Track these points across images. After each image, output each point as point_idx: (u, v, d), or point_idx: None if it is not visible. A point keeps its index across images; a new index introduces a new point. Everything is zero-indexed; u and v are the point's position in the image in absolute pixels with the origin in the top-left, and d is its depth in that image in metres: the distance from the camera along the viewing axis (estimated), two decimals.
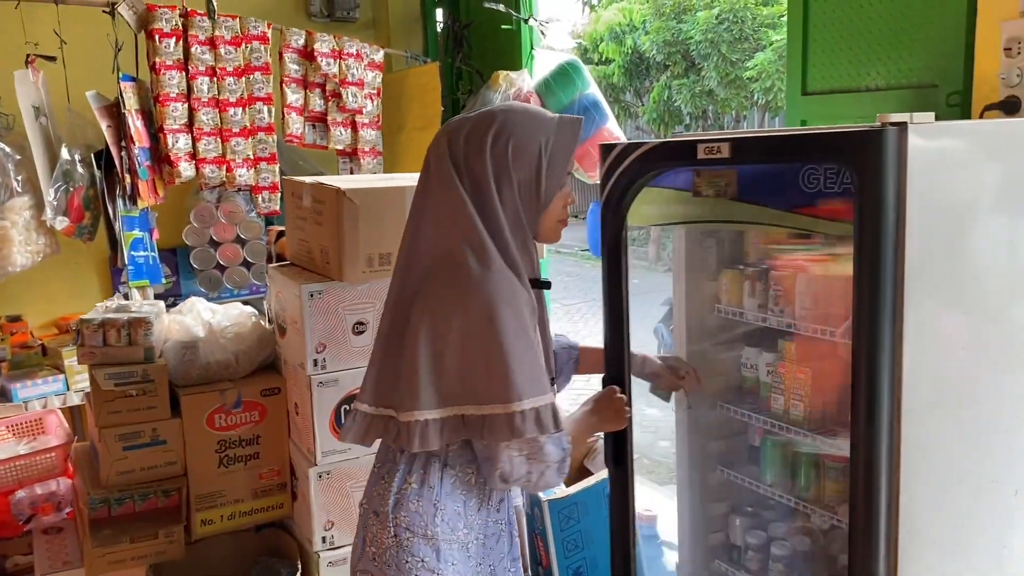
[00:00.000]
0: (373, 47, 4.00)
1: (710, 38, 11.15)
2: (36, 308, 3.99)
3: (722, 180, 1.59)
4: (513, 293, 1.55)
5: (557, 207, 1.67)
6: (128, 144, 3.29)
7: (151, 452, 2.44)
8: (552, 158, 1.61)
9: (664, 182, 1.80)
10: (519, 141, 1.59)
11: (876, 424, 1.56)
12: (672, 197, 1.83)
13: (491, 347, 1.52)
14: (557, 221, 1.69)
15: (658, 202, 1.85)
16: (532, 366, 1.55)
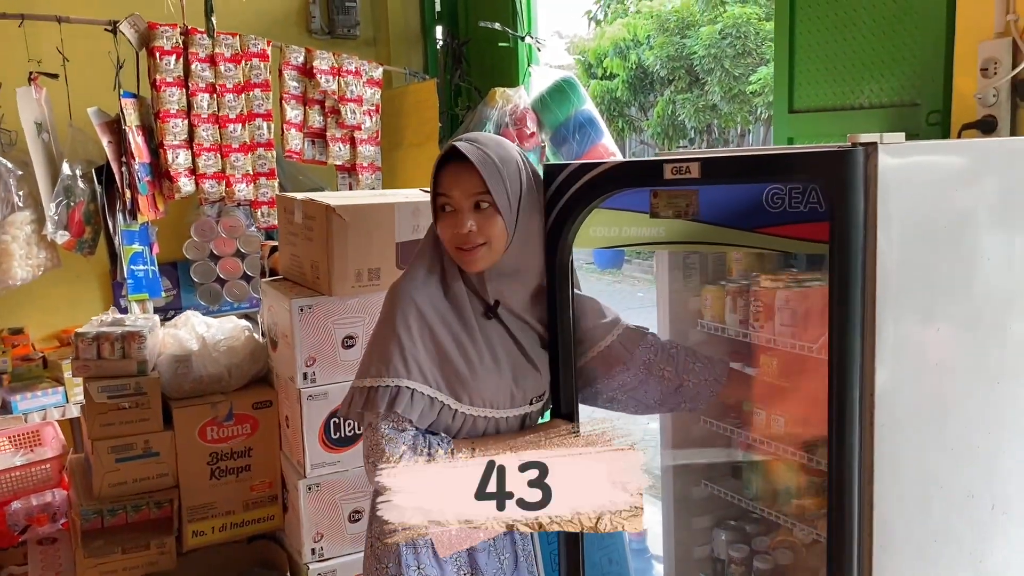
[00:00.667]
0: (372, 64, 4.05)
1: (713, 53, 11.21)
2: (38, 321, 4.04)
3: (682, 200, 1.60)
4: (401, 293, 1.69)
5: (443, 227, 1.69)
6: (129, 160, 3.35)
7: (143, 464, 2.48)
8: (433, 174, 1.71)
9: (616, 204, 1.78)
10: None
11: (848, 439, 1.58)
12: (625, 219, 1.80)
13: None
14: (453, 246, 1.69)
15: (608, 224, 1.83)
16: (385, 350, 1.65)
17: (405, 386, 1.63)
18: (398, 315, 1.66)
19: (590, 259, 13.82)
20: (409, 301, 1.67)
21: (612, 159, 3.69)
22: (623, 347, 1.87)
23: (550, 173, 1.77)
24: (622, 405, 1.92)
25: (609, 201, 1.75)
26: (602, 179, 1.67)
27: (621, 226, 1.79)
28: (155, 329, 2.61)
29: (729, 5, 11.41)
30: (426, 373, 1.65)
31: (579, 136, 3.91)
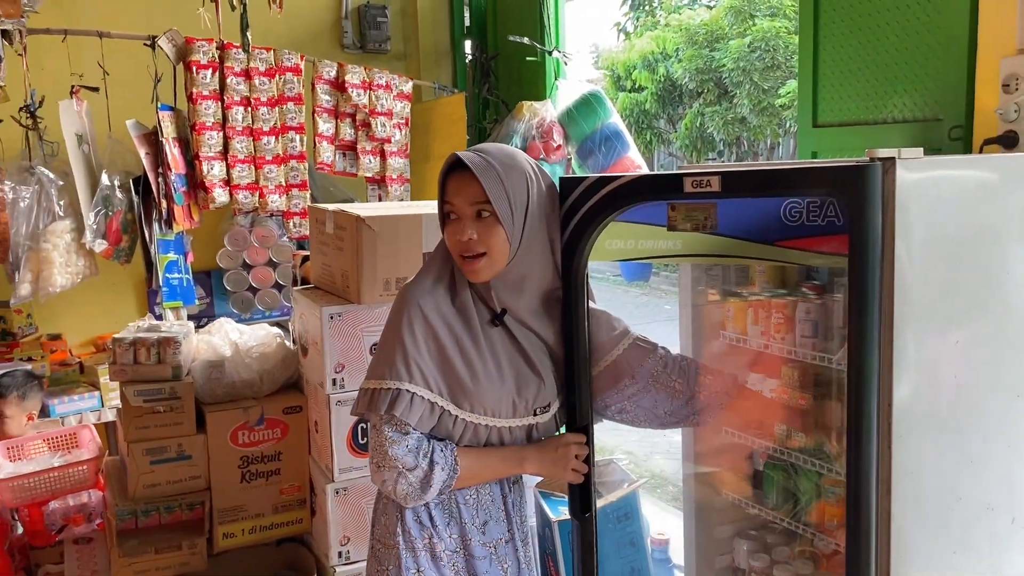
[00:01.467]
0: (402, 78, 4.12)
1: (742, 66, 11.19)
2: (75, 327, 4.15)
3: (701, 213, 1.63)
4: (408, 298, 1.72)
5: (448, 234, 1.74)
6: (165, 171, 3.44)
7: (177, 466, 2.54)
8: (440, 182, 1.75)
9: (633, 217, 1.79)
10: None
11: (865, 450, 1.60)
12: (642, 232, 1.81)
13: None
14: (458, 254, 1.72)
15: (625, 236, 1.84)
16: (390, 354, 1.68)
17: (405, 389, 1.66)
18: (403, 320, 1.70)
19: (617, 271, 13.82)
20: (415, 306, 1.70)
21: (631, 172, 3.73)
22: (631, 359, 1.89)
23: (566, 186, 1.79)
24: (631, 416, 1.94)
25: (626, 214, 1.77)
26: (621, 192, 1.69)
27: (638, 239, 1.81)
28: (190, 335, 2.69)
29: (758, 18, 11.40)
30: (428, 378, 1.68)
31: (605, 149, 3.96)
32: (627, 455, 6.19)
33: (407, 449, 1.65)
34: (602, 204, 1.72)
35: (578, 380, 1.84)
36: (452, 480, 1.69)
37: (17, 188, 3.41)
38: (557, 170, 4.05)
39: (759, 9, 11.53)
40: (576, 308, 1.81)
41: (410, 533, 1.75)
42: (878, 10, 2.41)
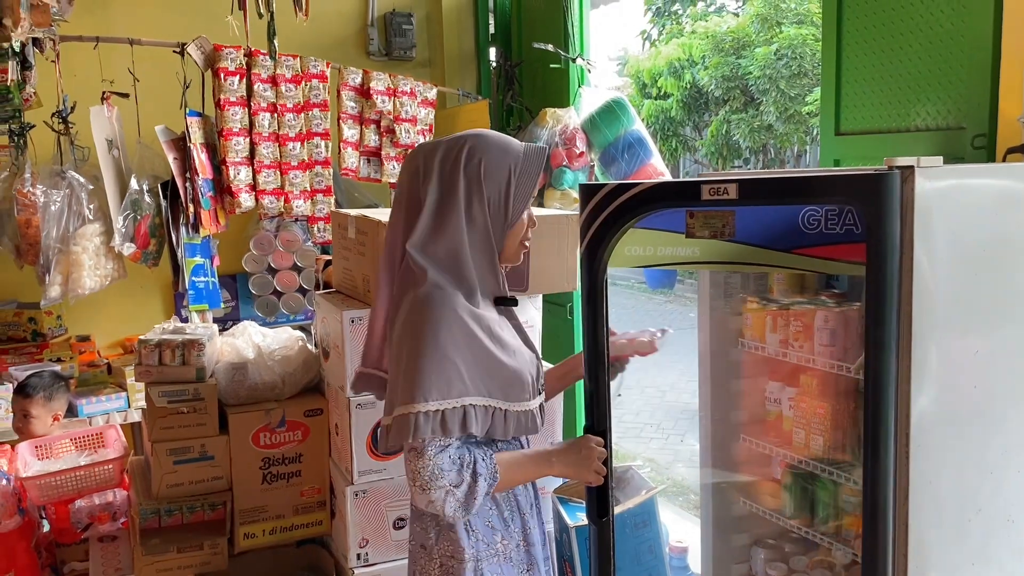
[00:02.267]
0: (426, 85, 4.16)
1: (768, 73, 11.15)
2: (103, 329, 4.22)
3: (719, 221, 1.64)
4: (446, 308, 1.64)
5: (522, 227, 1.77)
6: (193, 175, 3.49)
7: (199, 467, 2.58)
8: (520, 178, 1.72)
9: (651, 224, 1.81)
10: (490, 161, 1.70)
11: (883, 460, 1.59)
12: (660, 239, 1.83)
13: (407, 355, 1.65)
14: (521, 241, 1.79)
15: (644, 243, 1.86)
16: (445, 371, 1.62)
17: (470, 404, 1.64)
18: (444, 331, 1.63)
19: (641, 279, 13.79)
20: (454, 314, 1.65)
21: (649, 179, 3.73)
22: None
23: (586, 192, 1.81)
24: None
25: (645, 221, 1.79)
26: (640, 199, 1.71)
27: (657, 246, 1.82)
28: (214, 338, 2.72)
29: (785, 26, 11.35)
30: (480, 384, 1.66)
31: (628, 156, 3.96)
32: (648, 462, 6.17)
33: (451, 463, 1.62)
34: (622, 211, 1.74)
35: (597, 385, 1.86)
36: (491, 489, 1.68)
37: (49, 192, 3.48)
38: (580, 177, 4.06)
39: (786, 17, 11.49)
40: (596, 311, 1.83)
41: (483, 541, 1.76)
42: (901, 18, 2.40)
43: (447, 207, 1.69)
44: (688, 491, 5.52)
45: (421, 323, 1.64)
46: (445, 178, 1.70)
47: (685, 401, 7.61)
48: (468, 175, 1.69)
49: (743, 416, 2.29)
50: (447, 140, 1.76)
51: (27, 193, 3.48)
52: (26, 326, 4.01)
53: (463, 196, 1.68)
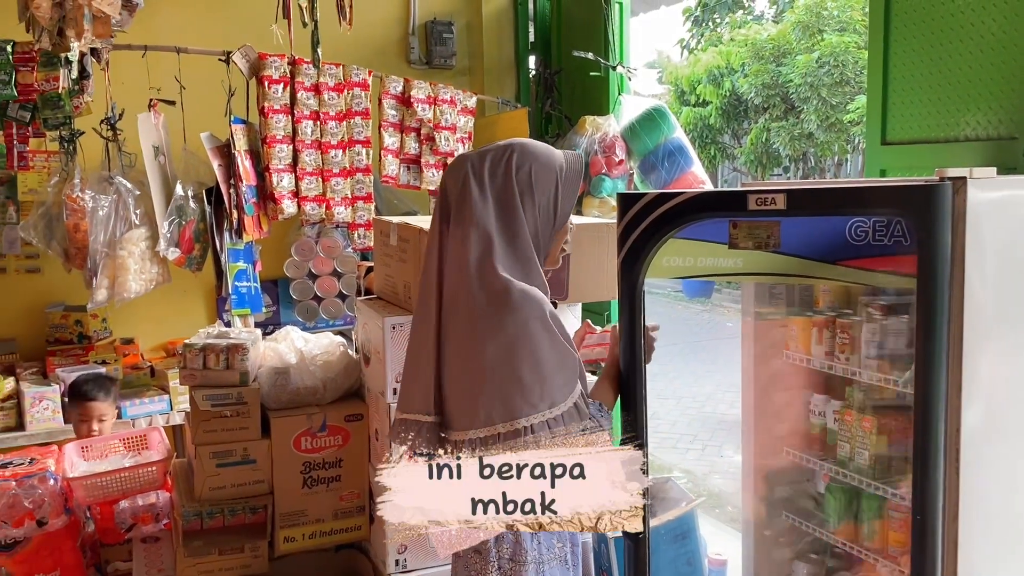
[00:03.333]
0: (466, 93, 4.17)
1: (810, 81, 11.04)
2: (147, 332, 4.29)
3: (764, 231, 1.62)
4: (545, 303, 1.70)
5: (566, 232, 1.84)
6: (237, 182, 3.54)
7: (241, 470, 2.60)
8: (566, 183, 1.77)
9: (691, 234, 1.78)
10: (539, 168, 1.75)
11: (932, 476, 1.56)
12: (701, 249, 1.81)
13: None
14: (563, 246, 1.85)
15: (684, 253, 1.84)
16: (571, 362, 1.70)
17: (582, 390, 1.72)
18: (551, 326, 1.68)
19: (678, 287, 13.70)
20: (550, 308, 1.72)
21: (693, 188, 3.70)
22: None
23: (625, 202, 1.80)
24: None
25: (685, 231, 1.76)
26: (682, 209, 1.69)
27: (697, 256, 1.80)
28: (257, 342, 2.75)
29: (827, 33, 11.23)
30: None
31: (668, 164, 3.94)
32: (685, 474, 6.12)
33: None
34: (662, 221, 1.72)
35: (635, 396, 1.85)
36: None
37: (97, 197, 3.54)
38: (619, 185, 4.04)
39: (828, 24, 11.37)
40: (633, 324, 1.81)
41: (544, 544, 1.77)
42: (951, 25, 2.37)
43: (509, 217, 1.71)
44: (725, 502, 5.47)
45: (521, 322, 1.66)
46: (499, 187, 1.72)
47: (722, 412, 7.54)
48: (520, 183, 1.73)
49: (786, 428, 2.26)
50: (492, 149, 1.78)
51: (76, 198, 3.55)
52: (73, 328, 4.09)
53: (519, 204, 1.72)
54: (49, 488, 2.89)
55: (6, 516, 2.80)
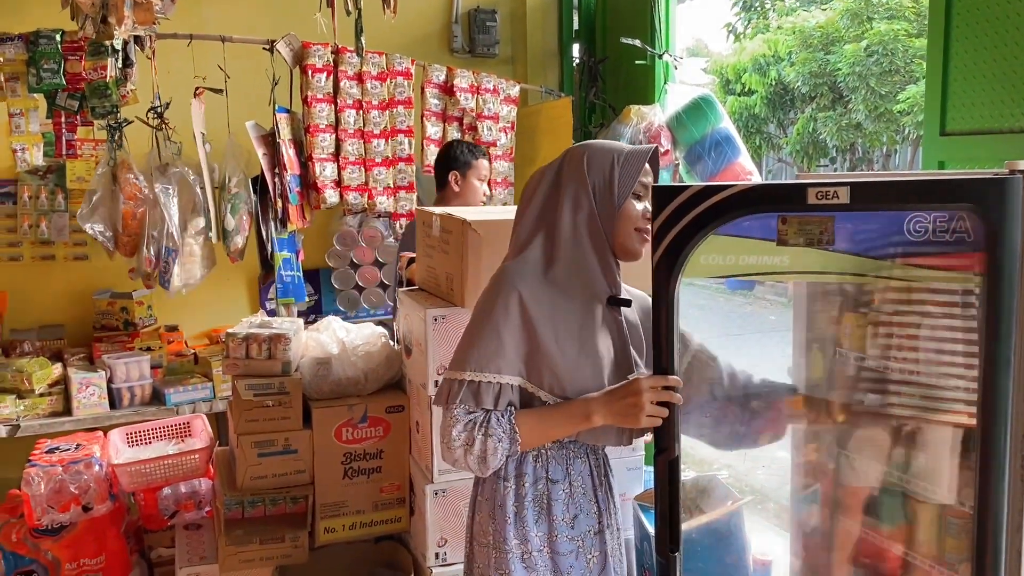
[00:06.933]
0: (509, 83, 4.13)
1: (858, 70, 10.80)
2: (191, 320, 4.33)
3: (817, 227, 1.53)
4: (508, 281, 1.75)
5: (631, 211, 1.79)
6: (282, 171, 3.55)
7: (283, 460, 2.61)
8: (625, 163, 1.78)
9: (733, 230, 1.63)
10: (593, 153, 1.80)
11: (996, 483, 1.50)
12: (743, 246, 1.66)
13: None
14: (635, 229, 1.79)
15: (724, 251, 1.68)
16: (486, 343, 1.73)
17: (507, 382, 1.73)
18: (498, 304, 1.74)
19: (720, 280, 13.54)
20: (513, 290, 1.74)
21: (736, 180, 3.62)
22: (693, 372, 1.89)
23: (661, 196, 1.65)
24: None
25: (727, 227, 1.63)
26: (731, 203, 1.57)
27: (739, 254, 1.66)
28: (299, 332, 2.75)
29: (876, 21, 10.97)
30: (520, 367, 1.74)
31: (715, 154, 3.87)
32: (726, 468, 6.04)
33: (463, 427, 1.71)
34: (708, 216, 1.59)
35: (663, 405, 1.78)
36: (515, 446, 1.71)
37: (156, 186, 3.57)
38: (664, 176, 3.98)
39: (877, 11, 11.11)
40: (667, 325, 1.71)
41: (501, 534, 1.78)
42: (1016, 10, 2.27)
43: (552, 199, 1.79)
44: (768, 500, 5.38)
45: (485, 295, 1.79)
46: (551, 176, 1.82)
47: None
48: (572, 167, 1.80)
49: (837, 428, 2.19)
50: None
51: (135, 185, 3.58)
52: (119, 315, 4.14)
53: (567, 187, 1.78)
54: (94, 474, 2.93)
55: (52, 501, 2.85)
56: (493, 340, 1.72)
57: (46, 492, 2.84)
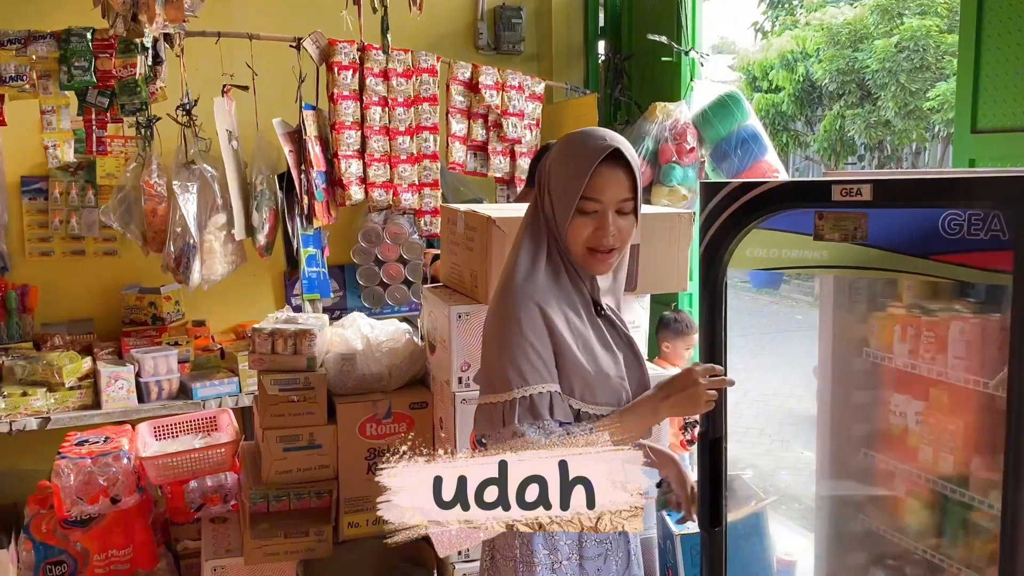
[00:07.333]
0: (535, 79, 4.13)
1: (888, 67, 10.67)
2: (218, 315, 4.37)
3: (851, 223, 1.54)
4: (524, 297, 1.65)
5: (578, 230, 1.66)
6: (308, 168, 3.57)
7: (307, 455, 2.62)
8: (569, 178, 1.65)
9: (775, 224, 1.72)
10: (557, 154, 1.71)
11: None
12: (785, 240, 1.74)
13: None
14: (585, 247, 1.67)
15: (767, 244, 1.77)
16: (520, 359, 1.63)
17: (547, 391, 1.64)
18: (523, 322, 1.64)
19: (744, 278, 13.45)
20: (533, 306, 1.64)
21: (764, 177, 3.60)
22: None
23: (708, 191, 1.76)
24: None
25: (768, 221, 1.71)
26: (764, 199, 1.64)
27: (781, 247, 1.74)
28: (324, 328, 2.77)
29: (907, 17, 10.83)
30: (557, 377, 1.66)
31: (741, 152, 3.84)
32: (751, 468, 6.00)
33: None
34: (743, 211, 1.67)
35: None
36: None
37: (179, 183, 3.60)
38: (689, 173, 3.96)
39: (908, 7, 10.96)
40: (714, 315, 1.76)
41: (528, 546, 1.72)
42: None
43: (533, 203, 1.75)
44: (793, 500, 5.34)
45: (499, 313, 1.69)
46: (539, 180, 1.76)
47: (791, 407, 7.37)
48: (542, 172, 1.74)
49: (864, 429, 2.18)
50: None
51: (153, 184, 3.62)
52: (147, 310, 4.18)
53: (540, 192, 1.74)
54: (123, 466, 2.96)
55: (82, 492, 2.89)
56: (530, 352, 1.64)
57: (75, 484, 2.89)
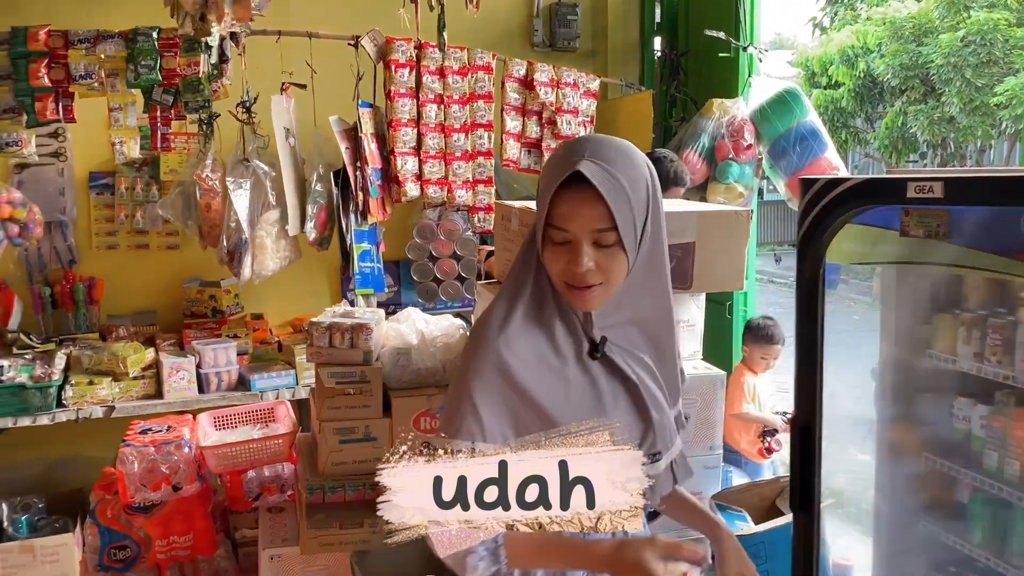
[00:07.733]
0: (590, 76, 4.12)
1: (953, 62, 10.37)
2: (275, 308, 4.45)
3: (934, 220, 1.53)
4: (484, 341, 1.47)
5: (551, 258, 1.43)
6: (363, 165, 3.61)
7: (363, 447, 2.66)
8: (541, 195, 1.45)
9: (865, 219, 1.73)
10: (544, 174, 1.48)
11: None
12: (874, 235, 1.75)
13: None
14: (562, 280, 1.44)
15: (858, 240, 1.77)
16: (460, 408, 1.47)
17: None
18: (474, 365, 1.47)
19: None
20: (491, 351, 1.45)
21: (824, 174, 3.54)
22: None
23: (804, 186, 1.79)
24: None
25: (860, 217, 1.72)
26: (848, 195, 1.67)
27: (869, 243, 1.76)
28: (380, 322, 2.80)
29: (974, 10, 10.52)
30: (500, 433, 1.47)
31: (800, 149, 3.78)
32: None
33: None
34: (831, 206, 1.70)
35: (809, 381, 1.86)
36: (498, 569, 1.45)
37: (235, 179, 3.68)
38: (746, 171, 3.91)
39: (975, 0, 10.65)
40: (808, 308, 1.82)
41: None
42: None
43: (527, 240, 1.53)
44: (849, 504, 5.24)
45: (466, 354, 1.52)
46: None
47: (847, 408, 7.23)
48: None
49: (925, 432, 2.13)
50: None
51: (206, 179, 3.71)
52: (207, 303, 4.28)
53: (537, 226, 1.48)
54: (184, 455, 3.04)
55: (145, 479, 2.97)
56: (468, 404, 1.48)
57: (139, 471, 2.97)
